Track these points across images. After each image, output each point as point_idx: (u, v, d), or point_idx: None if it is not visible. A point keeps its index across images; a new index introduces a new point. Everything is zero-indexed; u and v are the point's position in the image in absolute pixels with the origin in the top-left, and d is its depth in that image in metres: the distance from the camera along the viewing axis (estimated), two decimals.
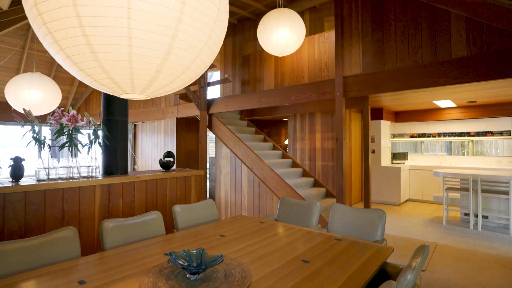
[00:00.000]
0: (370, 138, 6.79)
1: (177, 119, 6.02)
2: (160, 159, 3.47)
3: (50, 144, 2.50)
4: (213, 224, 2.37)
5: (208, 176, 5.98)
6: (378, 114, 6.47)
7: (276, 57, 5.51)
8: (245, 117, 6.37)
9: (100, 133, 2.90)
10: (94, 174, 2.82)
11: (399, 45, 3.11)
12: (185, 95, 6.03)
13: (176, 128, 6.02)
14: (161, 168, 3.52)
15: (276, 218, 2.82)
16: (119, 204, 2.80)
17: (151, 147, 6.62)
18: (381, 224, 2.12)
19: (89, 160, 2.81)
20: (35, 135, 2.48)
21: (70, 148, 2.67)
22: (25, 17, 4.66)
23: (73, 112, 2.48)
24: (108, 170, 3.00)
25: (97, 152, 2.74)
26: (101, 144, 2.79)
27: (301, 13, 6.21)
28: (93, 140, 2.76)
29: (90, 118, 2.68)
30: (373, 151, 6.54)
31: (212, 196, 5.66)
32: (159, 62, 1.12)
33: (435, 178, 6.29)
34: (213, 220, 2.69)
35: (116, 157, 3.01)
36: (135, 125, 7.09)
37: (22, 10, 4.47)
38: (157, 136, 6.50)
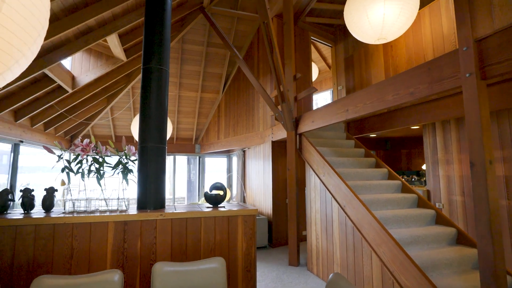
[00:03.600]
0: None
1: (273, 142, 5.37)
2: (206, 193, 2.86)
3: (91, 174, 2.39)
4: None
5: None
6: None
7: (384, 47, 3.96)
8: (355, 135, 4.92)
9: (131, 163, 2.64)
10: (123, 208, 2.55)
11: None
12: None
13: (272, 152, 5.36)
14: (208, 204, 2.90)
15: None
16: (137, 246, 2.35)
17: (254, 175, 6.23)
18: None
19: (118, 192, 2.58)
20: (67, 165, 2.46)
21: (96, 178, 2.52)
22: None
23: (86, 141, 2.31)
24: (141, 204, 2.67)
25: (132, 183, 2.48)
26: (124, 176, 2.50)
27: None
28: (117, 171, 2.51)
29: (105, 147, 2.45)
30: None
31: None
32: None
33: None
34: None
35: (146, 189, 2.64)
36: (244, 151, 6.98)
37: (138, 61, 5.26)
38: (257, 163, 6.06)
